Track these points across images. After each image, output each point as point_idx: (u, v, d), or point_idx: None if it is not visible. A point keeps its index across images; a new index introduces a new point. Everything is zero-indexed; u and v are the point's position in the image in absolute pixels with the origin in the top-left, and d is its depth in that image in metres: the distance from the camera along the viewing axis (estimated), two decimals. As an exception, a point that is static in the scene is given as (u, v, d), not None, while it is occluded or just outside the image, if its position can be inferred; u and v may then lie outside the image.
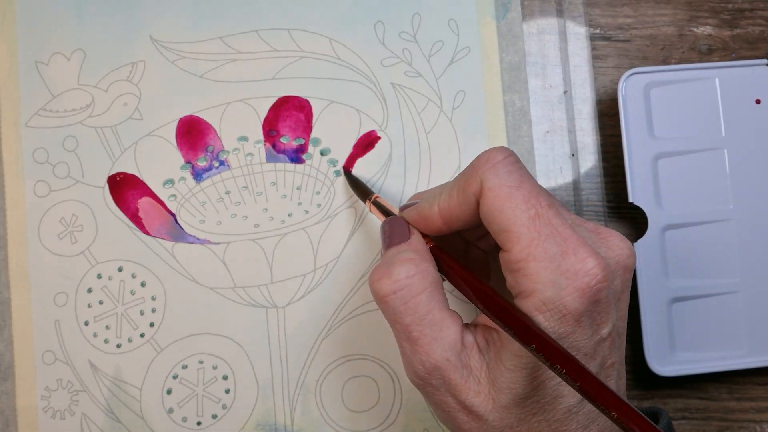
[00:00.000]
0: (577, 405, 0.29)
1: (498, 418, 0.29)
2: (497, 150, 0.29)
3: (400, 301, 0.29)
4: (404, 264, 0.30)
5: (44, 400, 0.39)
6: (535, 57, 0.41)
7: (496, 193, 0.28)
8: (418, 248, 0.31)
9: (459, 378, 0.29)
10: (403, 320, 0.29)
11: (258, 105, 0.40)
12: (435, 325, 0.29)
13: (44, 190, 0.40)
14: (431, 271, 0.30)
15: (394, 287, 0.29)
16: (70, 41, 0.40)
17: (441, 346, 0.29)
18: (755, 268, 0.40)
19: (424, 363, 0.29)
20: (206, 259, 0.39)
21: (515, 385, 0.28)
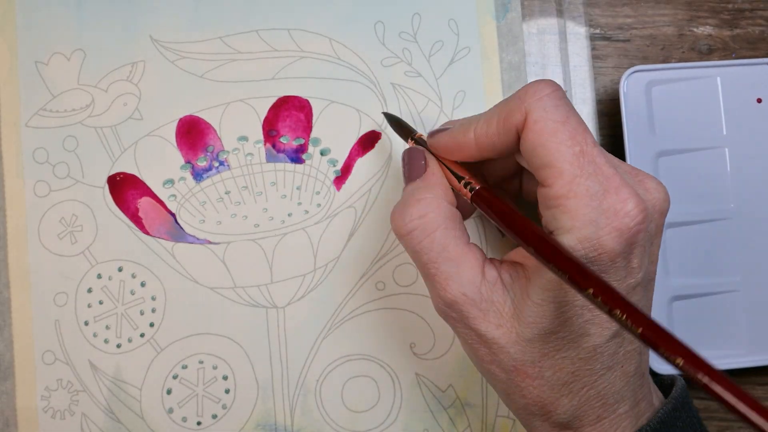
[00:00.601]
0: (604, 345, 0.29)
1: (520, 351, 0.29)
2: (545, 82, 0.29)
3: (415, 240, 0.30)
4: (417, 204, 0.30)
5: (44, 400, 0.39)
6: (535, 57, 0.41)
7: (542, 126, 0.28)
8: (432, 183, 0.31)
9: (477, 312, 0.29)
10: (420, 258, 0.30)
11: (258, 105, 0.40)
12: (451, 261, 0.29)
13: (44, 190, 0.40)
14: (444, 207, 0.30)
15: (408, 227, 0.30)
16: (70, 41, 0.40)
17: (457, 282, 0.29)
18: (756, 266, 0.40)
19: (442, 297, 0.30)
20: (206, 259, 0.39)
21: (542, 319, 0.28)
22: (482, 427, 0.39)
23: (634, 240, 0.27)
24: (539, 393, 0.29)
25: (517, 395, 0.30)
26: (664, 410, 0.30)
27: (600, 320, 0.28)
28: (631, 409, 0.30)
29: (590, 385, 0.29)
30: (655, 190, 0.29)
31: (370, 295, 0.39)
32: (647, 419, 0.30)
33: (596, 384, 0.29)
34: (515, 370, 0.29)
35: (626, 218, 0.27)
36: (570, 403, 0.29)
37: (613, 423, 0.29)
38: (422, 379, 0.39)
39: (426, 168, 0.32)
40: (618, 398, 0.29)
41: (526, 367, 0.29)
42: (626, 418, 0.30)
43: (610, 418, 0.29)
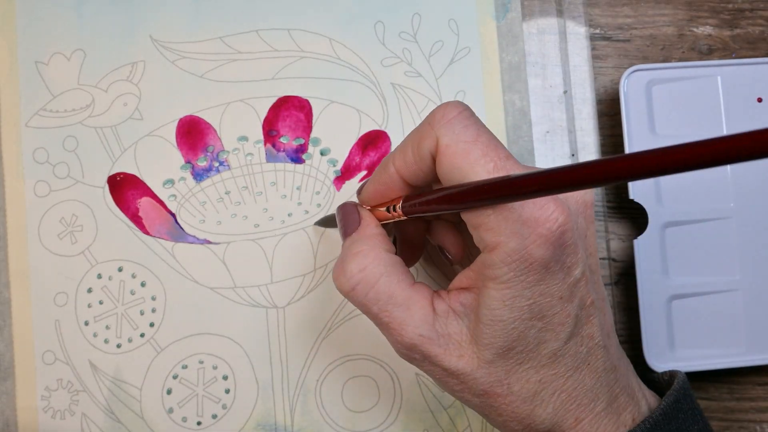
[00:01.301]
0: (562, 347, 0.29)
1: (486, 374, 0.29)
2: (451, 105, 0.29)
3: (361, 294, 0.30)
4: (354, 258, 0.30)
5: (44, 400, 0.39)
6: (535, 57, 0.41)
7: (453, 149, 0.28)
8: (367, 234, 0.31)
9: (437, 348, 0.29)
10: (370, 310, 0.30)
11: (258, 105, 0.40)
12: (401, 306, 0.30)
13: (44, 190, 0.40)
14: (382, 255, 0.30)
15: (351, 283, 0.30)
16: (70, 41, 0.40)
17: (411, 324, 0.29)
18: (755, 266, 0.40)
19: (400, 343, 0.30)
20: (206, 259, 0.39)
21: (495, 339, 0.28)
22: (482, 427, 0.39)
23: (562, 241, 0.27)
24: (513, 409, 0.30)
25: (494, 415, 0.30)
26: (666, 402, 0.31)
27: (552, 325, 0.29)
28: (609, 406, 0.30)
29: (560, 389, 0.29)
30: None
31: (370, 295, 0.39)
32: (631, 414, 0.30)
33: (566, 387, 0.29)
34: (485, 394, 0.30)
35: (548, 223, 0.27)
36: (545, 412, 0.29)
37: (593, 422, 0.30)
38: (422, 379, 0.39)
39: (360, 220, 0.32)
40: (592, 397, 0.30)
41: (495, 388, 0.29)
42: (605, 416, 0.30)
43: (589, 418, 0.30)
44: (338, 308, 0.39)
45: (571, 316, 0.29)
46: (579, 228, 0.29)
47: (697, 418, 0.31)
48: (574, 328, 0.29)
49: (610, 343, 0.31)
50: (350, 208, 0.33)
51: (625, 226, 0.41)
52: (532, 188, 0.24)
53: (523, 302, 0.28)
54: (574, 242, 0.28)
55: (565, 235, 0.27)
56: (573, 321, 0.29)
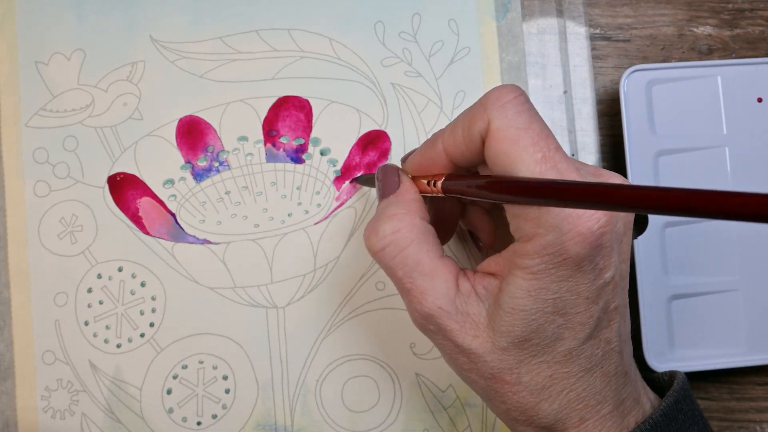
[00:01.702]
0: (579, 348, 0.29)
1: (497, 359, 0.29)
2: (507, 88, 0.29)
3: (389, 256, 0.30)
4: (389, 220, 0.30)
5: (44, 400, 0.39)
6: (535, 57, 0.41)
7: (504, 134, 0.28)
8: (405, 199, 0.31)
9: (454, 324, 0.29)
10: (395, 274, 0.30)
11: (258, 105, 0.40)
12: (426, 275, 0.30)
13: (44, 190, 0.40)
14: (417, 222, 0.30)
15: (381, 244, 0.30)
16: (70, 41, 0.40)
17: (433, 295, 0.29)
18: (755, 266, 0.39)
19: (419, 311, 0.30)
20: (206, 259, 0.39)
21: (513, 327, 0.28)
22: (482, 427, 0.39)
23: (599, 242, 0.27)
24: (519, 399, 0.30)
25: (497, 401, 0.30)
26: (666, 403, 0.30)
27: (573, 324, 0.28)
28: (615, 409, 0.30)
29: (569, 387, 0.29)
30: None
31: (370, 295, 0.39)
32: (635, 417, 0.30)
33: (575, 387, 0.29)
34: (493, 378, 0.29)
35: (589, 222, 0.27)
36: (551, 407, 0.29)
37: (597, 424, 0.30)
38: (422, 379, 0.39)
39: (399, 184, 0.32)
40: (600, 399, 0.30)
41: (504, 374, 0.29)
42: (610, 419, 0.30)
43: (594, 419, 0.30)
44: (338, 308, 0.39)
45: (593, 318, 0.29)
46: (617, 232, 0.29)
47: (697, 419, 0.31)
48: (594, 330, 0.29)
49: (625, 349, 0.31)
50: (391, 170, 0.33)
51: (625, 226, 0.41)
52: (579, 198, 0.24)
53: (549, 295, 0.28)
54: (611, 245, 0.28)
55: (603, 236, 0.27)
56: (594, 323, 0.29)
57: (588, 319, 0.28)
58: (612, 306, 0.29)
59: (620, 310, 0.30)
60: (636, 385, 0.31)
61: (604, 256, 0.28)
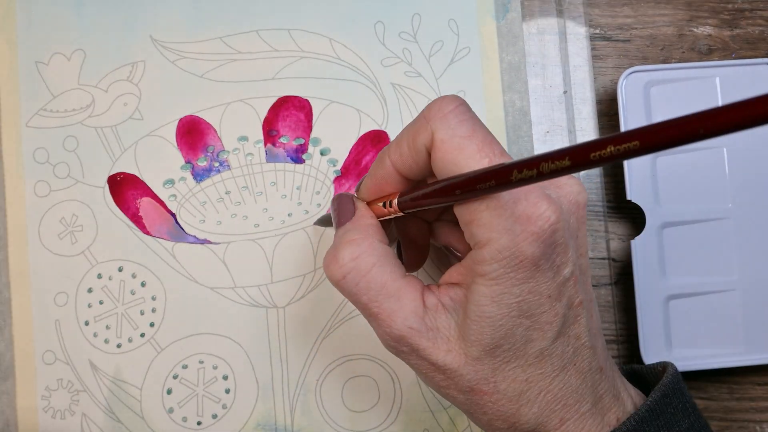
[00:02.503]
0: (550, 347, 0.29)
1: (472, 371, 0.29)
2: (447, 99, 0.29)
3: (352, 282, 0.29)
4: (348, 246, 0.30)
5: (44, 399, 0.39)
6: (535, 57, 0.41)
7: (448, 144, 0.28)
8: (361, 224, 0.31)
9: (426, 342, 0.29)
10: (360, 300, 0.30)
11: (258, 105, 0.40)
12: (392, 297, 0.29)
13: (44, 190, 0.40)
14: (376, 245, 0.30)
15: (342, 271, 0.30)
16: (71, 41, 0.40)
17: (401, 316, 0.29)
18: (753, 266, 0.40)
19: (389, 334, 0.30)
20: (206, 259, 0.39)
21: (482, 335, 0.28)
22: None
23: (553, 240, 0.27)
24: (499, 407, 0.30)
25: (478, 413, 0.30)
26: (653, 398, 0.30)
27: (540, 324, 0.29)
28: (594, 406, 0.30)
29: (546, 389, 0.29)
30: (566, 185, 0.30)
31: (370, 295, 0.39)
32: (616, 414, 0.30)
33: (552, 387, 0.29)
34: (471, 390, 0.30)
35: (539, 221, 0.27)
36: (530, 411, 0.29)
37: (577, 423, 0.30)
38: (422, 379, 0.39)
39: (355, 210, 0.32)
40: (578, 398, 0.30)
41: (481, 385, 0.29)
42: (590, 416, 0.30)
43: (574, 418, 0.30)
44: (338, 308, 0.39)
45: (559, 316, 0.29)
46: (570, 228, 0.29)
47: (688, 412, 0.31)
48: (562, 328, 0.29)
49: (596, 344, 0.31)
50: (345, 198, 0.33)
51: (625, 226, 0.41)
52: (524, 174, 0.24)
53: (512, 299, 0.28)
54: (565, 241, 0.28)
55: (556, 233, 0.27)
56: (561, 320, 0.29)
57: (554, 317, 0.29)
58: (576, 301, 0.29)
59: (585, 305, 0.30)
60: (614, 381, 0.31)
61: (560, 253, 0.28)
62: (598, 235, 0.41)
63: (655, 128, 0.20)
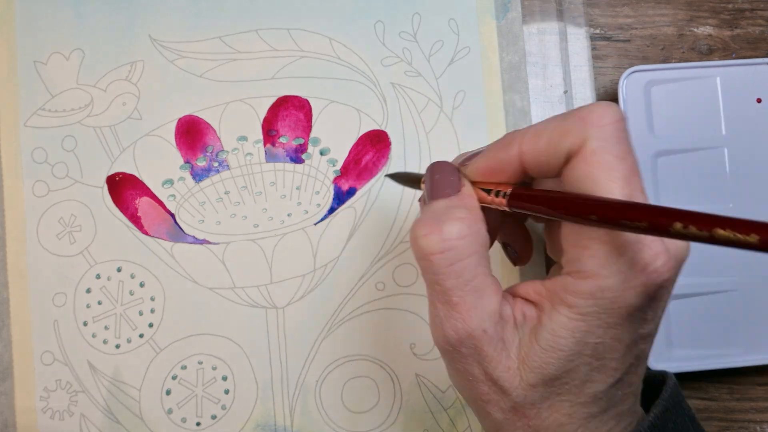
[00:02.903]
0: (605, 391, 0.28)
1: (522, 394, 0.27)
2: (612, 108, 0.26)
3: (447, 261, 0.27)
4: (457, 222, 0.27)
5: (43, 400, 0.39)
6: (535, 57, 0.41)
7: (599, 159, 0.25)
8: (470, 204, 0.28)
9: (492, 350, 0.27)
10: (445, 282, 0.27)
11: (257, 105, 0.40)
12: (477, 291, 0.27)
13: (43, 190, 0.39)
14: (483, 233, 0.28)
15: (443, 246, 0.27)
16: (69, 41, 0.40)
17: (480, 314, 0.27)
18: (753, 266, 0.40)
19: (458, 329, 0.27)
20: (205, 260, 0.39)
21: (548, 366, 0.27)
22: (482, 428, 0.39)
23: (658, 296, 0.26)
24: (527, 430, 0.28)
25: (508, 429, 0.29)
26: (654, 413, 0.29)
27: (606, 368, 0.27)
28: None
29: (584, 426, 0.28)
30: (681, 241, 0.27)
31: (370, 295, 0.39)
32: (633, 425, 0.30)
33: (589, 425, 0.28)
34: (513, 411, 0.28)
35: (654, 274, 0.25)
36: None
37: None
38: (422, 380, 0.39)
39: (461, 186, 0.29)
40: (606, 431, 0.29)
41: (525, 409, 0.28)
42: None
43: None
44: (338, 308, 0.39)
45: (626, 365, 0.27)
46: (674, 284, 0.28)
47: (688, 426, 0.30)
48: (624, 375, 0.28)
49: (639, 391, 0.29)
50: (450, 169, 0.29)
51: (625, 226, 0.41)
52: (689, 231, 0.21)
53: (592, 339, 0.26)
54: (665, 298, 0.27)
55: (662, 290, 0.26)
56: (626, 369, 0.27)
57: (621, 365, 0.27)
58: (645, 354, 0.28)
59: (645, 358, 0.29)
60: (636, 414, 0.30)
61: (655, 309, 0.27)
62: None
63: None
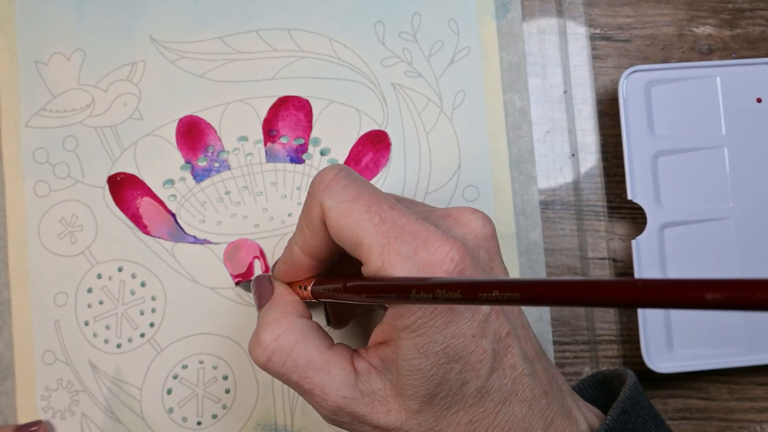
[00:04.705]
0: (485, 384, 0.28)
1: (416, 425, 0.29)
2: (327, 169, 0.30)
3: (278, 363, 0.30)
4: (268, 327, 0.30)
5: (44, 400, 0.39)
6: (535, 57, 0.41)
7: (336, 211, 0.28)
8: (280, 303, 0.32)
9: (363, 407, 0.29)
10: (290, 379, 0.30)
11: (258, 105, 0.40)
12: (321, 370, 0.29)
13: (44, 190, 0.40)
14: (296, 321, 0.30)
15: (267, 354, 0.30)
16: (70, 41, 0.40)
17: (334, 387, 0.29)
18: (754, 266, 0.40)
19: (326, 408, 0.29)
20: (206, 259, 0.39)
21: (418, 388, 0.28)
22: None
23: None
24: None
25: None
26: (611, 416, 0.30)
27: (471, 364, 0.28)
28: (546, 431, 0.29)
29: (492, 425, 0.29)
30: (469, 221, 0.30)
31: (370, 295, 0.39)
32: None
33: (498, 422, 0.29)
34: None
35: (444, 264, 0.27)
36: None
37: None
38: (422, 379, 0.39)
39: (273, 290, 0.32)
40: (526, 426, 0.29)
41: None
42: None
43: None
44: (338, 308, 0.39)
45: (488, 352, 0.28)
46: (482, 262, 0.29)
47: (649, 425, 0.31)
48: (494, 363, 0.28)
49: (537, 369, 0.30)
50: (263, 279, 0.33)
51: (625, 226, 0.41)
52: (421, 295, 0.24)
53: (437, 347, 0.27)
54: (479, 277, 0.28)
55: (464, 273, 0.27)
56: (491, 356, 0.28)
57: (483, 354, 0.28)
58: (503, 333, 0.29)
59: (516, 333, 0.29)
60: (563, 401, 0.31)
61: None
62: (598, 235, 0.41)
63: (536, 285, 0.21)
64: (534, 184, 0.40)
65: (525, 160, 0.40)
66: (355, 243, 0.28)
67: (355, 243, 0.28)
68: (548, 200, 0.41)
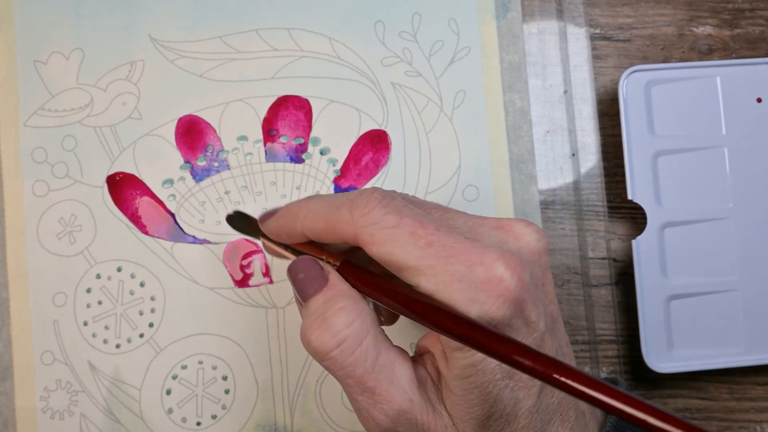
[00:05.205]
0: (536, 404, 0.28)
1: None
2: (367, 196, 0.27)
3: (347, 353, 0.27)
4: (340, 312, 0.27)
5: (43, 400, 0.39)
6: (535, 57, 0.41)
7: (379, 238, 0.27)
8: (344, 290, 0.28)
9: (425, 417, 0.28)
10: (355, 372, 0.27)
11: (257, 104, 0.40)
12: (387, 367, 0.27)
13: (43, 189, 0.39)
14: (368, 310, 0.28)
15: (337, 340, 0.27)
16: (69, 40, 0.40)
17: (400, 388, 0.27)
18: (754, 266, 0.40)
19: (387, 412, 0.27)
20: (206, 259, 0.39)
21: (472, 408, 0.27)
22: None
23: (520, 297, 0.26)
24: None
25: None
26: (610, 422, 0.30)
27: (524, 382, 0.27)
28: None
29: None
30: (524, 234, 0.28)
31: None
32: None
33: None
34: None
35: (503, 282, 0.26)
36: None
37: None
38: (422, 380, 0.39)
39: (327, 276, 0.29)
40: None
41: None
42: None
43: None
44: (338, 308, 0.39)
45: None
46: (536, 278, 0.28)
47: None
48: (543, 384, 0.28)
49: None
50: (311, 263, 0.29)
51: (625, 226, 0.41)
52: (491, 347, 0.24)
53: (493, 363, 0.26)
54: (533, 294, 0.27)
55: (522, 290, 0.26)
56: None
57: None
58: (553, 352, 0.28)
59: (561, 351, 0.29)
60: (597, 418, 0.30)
61: (530, 308, 0.27)
62: (598, 235, 0.41)
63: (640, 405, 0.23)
64: (534, 183, 0.40)
65: (525, 160, 0.40)
66: (402, 267, 0.26)
67: (402, 267, 0.26)
68: (548, 200, 0.41)
